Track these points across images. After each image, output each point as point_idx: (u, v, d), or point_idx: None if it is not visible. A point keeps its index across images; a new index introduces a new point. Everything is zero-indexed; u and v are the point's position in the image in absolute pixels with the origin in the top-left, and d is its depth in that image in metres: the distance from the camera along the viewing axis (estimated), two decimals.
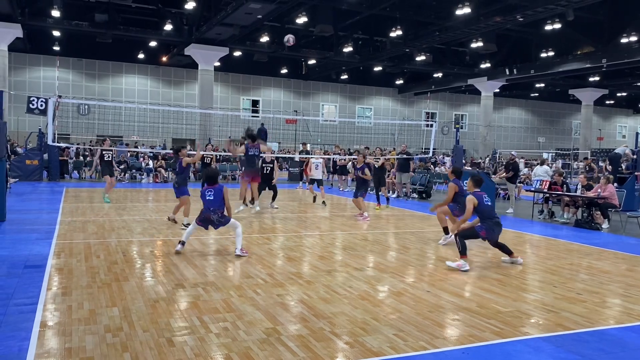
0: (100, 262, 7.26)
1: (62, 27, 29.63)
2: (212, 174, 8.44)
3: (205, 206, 8.03)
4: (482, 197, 7.79)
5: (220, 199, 8.02)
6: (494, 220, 7.80)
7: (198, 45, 31.19)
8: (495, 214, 7.93)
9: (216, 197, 8.01)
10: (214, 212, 7.99)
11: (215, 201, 8.00)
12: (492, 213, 7.89)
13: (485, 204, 7.78)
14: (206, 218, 8.04)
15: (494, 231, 7.77)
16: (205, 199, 8.04)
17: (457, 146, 15.95)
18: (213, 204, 7.98)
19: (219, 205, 8.03)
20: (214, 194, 8.04)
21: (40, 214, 11.82)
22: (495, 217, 7.86)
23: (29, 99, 13.33)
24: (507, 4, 24.53)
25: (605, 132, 54.68)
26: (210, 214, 7.99)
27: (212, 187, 8.12)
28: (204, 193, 8.10)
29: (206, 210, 8.02)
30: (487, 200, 7.84)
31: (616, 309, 5.90)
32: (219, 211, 8.03)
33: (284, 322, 5.02)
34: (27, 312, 5.05)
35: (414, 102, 50.27)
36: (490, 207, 7.91)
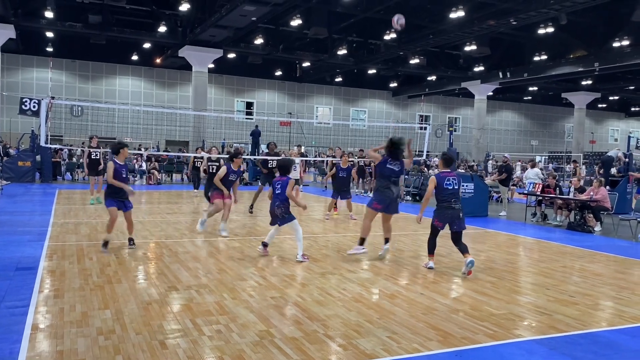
0: (93, 264, 7.22)
1: (56, 28, 29.52)
2: (285, 163, 8.00)
3: (273, 199, 7.71)
4: (444, 178, 7.29)
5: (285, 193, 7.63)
6: (446, 203, 7.24)
7: (192, 47, 31.15)
8: (452, 200, 7.24)
9: (283, 190, 7.64)
10: (278, 206, 7.66)
11: (282, 195, 7.64)
12: (448, 197, 7.24)
13: (445, 186, 7.24)
14: (271, 213, 7.77)
15: (444, 215, 7.25)
16: (275, 192, 7.70)
17: (450, 149, 16.00)
18: (280, 198, 7.63)
19: (285, 199, 7.65)
20: (282, 187, 7.65)
21: (32, 216, 11.75)
22: (449, 201, 7.22)
23: (21, 100, 13.28)
24: (501, 7, 24.66)
25: (597, 135, 55.04)
26: (274, 209, 7.68)
27: (281, 179, 7.75)
28: (274, 185, 7.77)
29: (272, 205, 7.72)
30: (450, 184, 7.25)
31: (608, 312, 5.93)
32: (283, 206, 7.66)
33: (278, 324, 5.01)
34: (18, 315, 5.02)
35: (408, 105, 50.40)
36: (450, 191, 7.25)
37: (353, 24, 30.87)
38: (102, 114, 31.86)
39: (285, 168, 7.90)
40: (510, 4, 23.84)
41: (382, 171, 8.08)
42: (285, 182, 7.71)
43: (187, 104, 38.96)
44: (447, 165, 7.59)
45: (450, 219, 7.30)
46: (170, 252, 8.24)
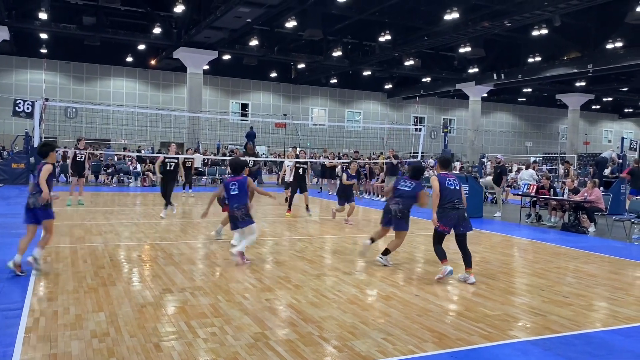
0: (87, 266, 7.19)
1: (50, 30, 29.39)
2: (238, 163, 7.81)
3: (230, 202, 7.49)
4: (445, 178, 7.14)
5: (245, 193, 7.46)
6: (450, 204, 6.99)
7: (187, 48, 31.09)
8: (455, 200, 7.03)
9: (241, 190, 7.46)
10: (238, 208, 7.44)
11: (240, 196, 7.45)
12: (451, 197, 7.03)
13: (447, 186, 7.04)
14: (231, 216, 7.55)
15: (449, 217, 6.98)
16: (229, 194, 7.47)
17: (445, 150, 16.05)
18: (238, 200, 7.45)
19: (245, 200, 7.45)
20: (239, 187, 7.46)
21: None
22: (452, 202, 7.01)
23: (15, 102, 13.22)
24: (495, 9, 24.74)
25: (591, 136, 55.28)
26: (234, 211, 7.46)
27: (236, 179, 7.57)
28: (228, 186, 7.52)
29: (231, 206, 7.49)
30: (451, 184, 7.09)
31: (603, 312, 5.95)
32: (243, 207, 7.44)
33: (273, 326, 5.00)
34: (12, 318, 4.99)
35: (403, 107, 50.48)
36: (453, 191, 7.06)
37: (348, 26, 30.89)
38: (97, 115, 31.75)
39: (238, 168, 7.73)
40: (505, 5, 23.92)
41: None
42: (242, 182, 7.53)
43: (182, 105, 38.87)
44: (445, 167, 7.51)
45: (456, 221, 7.03)
46: (165, 254, 8.22)
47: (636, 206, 12.81)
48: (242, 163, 7.99)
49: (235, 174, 7.69)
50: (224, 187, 7.65)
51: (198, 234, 10.40)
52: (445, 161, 7.64)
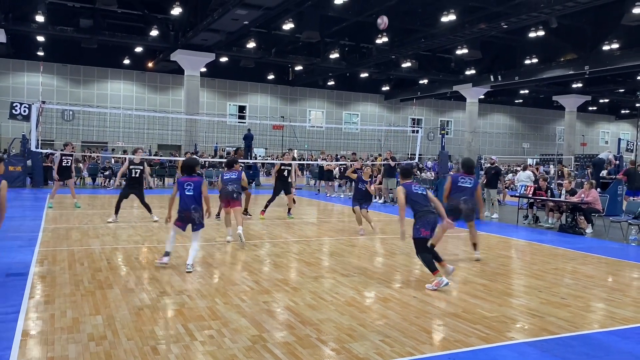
0: (84, 269, 7.17)
1: (47, 32, 29.34)
2: (190, 163, 7.57)
3: (185, 203, 7.22)
4: (411, 185, 7.11)
5: (199, 195, 7.24)
6: (424, 209, 6.94)
7: (184, 50, 31.07)
8: (427, 203, 7.04)
9: (196, 192, 7.24)
10: (195, 209, 7.20)
11: (195, 197, 7.22)
12: (424, 201, 7.01)
13: (415, 192, 7.04)
14: (186, 217, 7.26)
15: (428, 222, 6.89)
16: (184, 194, 7.21)
17: (442, 152, 16.06)
18: (194, 201, 7.21)
19: (200, 203, 7.24)
20: (194, 189, 7.25)
21: (23, 221, 11.66)
22: (427, 206, 6.99)
23: (12, 105, 13.20)
24: (492, 11, 24.81)
25: (588, 138, 55.42)
26: (191, 212, 7.21)
27: (191, 179, 7.33)
28: (183, 186, 7.26)
29: (186, 208, 7.21)
30: (417, 189, 7.12)
31: (600, 313, 5.96)
32: (200, 209, 7.26)
33: (270, 329, 5.00)
34: (9, 321, 4.97)
35: (400, 108, 50.54)
36: (422, 196, 7.07)
37: (345, 28, 30.92)
38: (94, 118, 31.72)
39: (190, 168, 7.51)
40: (501, 7, 23.98)
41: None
42: (197, 183, 7.31)
43: (180, 107, 38.85)
44: (406, 177, 7.37)
45: (433, 225, 6.97)
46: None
47: (633, 207, 12.83)
48: (194, 163, 7.76)
49: (188, 174, 7.44)
50: (178, 186, 7.38)
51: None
52: (406, 171, 7.48)
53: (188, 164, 7.62)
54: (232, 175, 9.85)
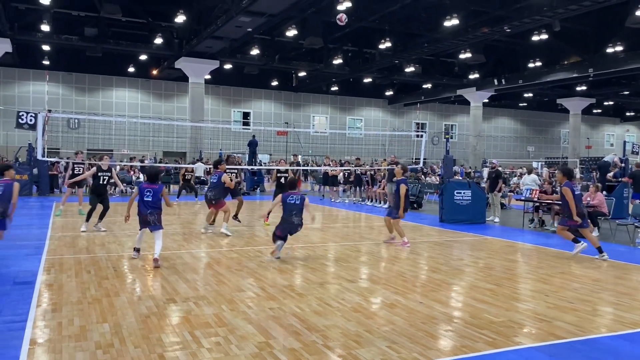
0: (91, 277, 7.20)
1: (52, 41, 29.58)
2: (154, 172, 8.46)
3: (144, 206, 8.02)
4: (287, 196, 8.72)
5: (159, 201, 8.07)
6: (288, 219, 8.65)
7: (188, 58, 31.24)
8: (292, 215, 8.63)
9: (154, 197, 8.05)
10: (151, 214, 8.00)
11: (153, 202, 8.04)
12: (289, 212, 8.64)
13: (288, 202, 8.66)
14: (144, 220, 8.06)
15: (284, 227, 8.71)
16: (143, 199, 8.03)
17: (447, 156, 16.03)
18: (152, 206, 8.02)
19: (158, 208, 8.09)
20: (153, 195, 8.05)
21: (29, 229, 11.72)
22: (290, 217, 8.62)
23: (18, 114, 13.28)
24: (494, 15, 24.82)
25: (593, 140, 55.23)
26: (147, 215, 7.99)
27: (152, 186, 8.13)
28: (143, 192, 8.07)
29: (144, 211, 8.01)
30: (292, 200, 8.69)
31: (608, 317, 5.93)
32: (156, 213, 8.05)
33: (277, 335, 5.00)
34: (16, 330, 4.99)
35: (404, 113, 50.56)
36: (291, 205, 8.65)
37: (348, 34, 31.01)
38: (99, 126, 31.87)
39: (154, 176, 8.32)
40: (504, 11, 23.99)
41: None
42: (157, 190, 8.09)
43: (184, 115, 39.00)
44: (291, 188, 9.08)
45: (288, 230, 8.75)
46: (168, 263, 8.22)
47: (639, 210, 12.77)
48: (158, 171, 8.70)
49: (151, 181, 8.27)
50: (138, 191, 8.19)
51: (201, 243, 10.40)
52: (292, 184, 9.24)
53: (151, 172, 8.55)
54: (213, 180, 11.24)
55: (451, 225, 13.72)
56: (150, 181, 8.30)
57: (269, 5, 22.08)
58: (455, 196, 14.41)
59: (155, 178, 8.33)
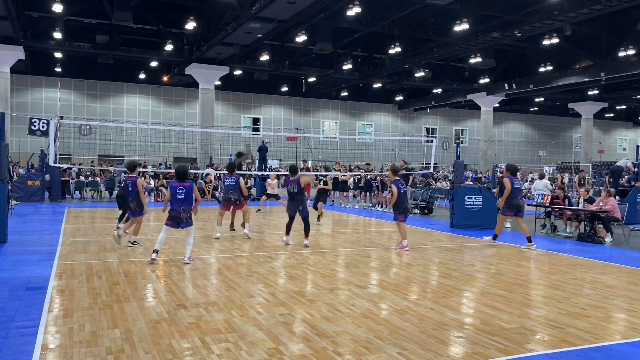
0: (102, 283, 7.23)
1: (64, 49, 29.93)
2: (183, 170, 8.68)
3: (177, 204, 8.37)
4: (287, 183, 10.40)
5: (191, 198, 8.36)
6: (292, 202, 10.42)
7: (199, 64, 31.43)
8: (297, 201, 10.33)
9: (187, 195, 8.38)
10: (184, 211, 8.37)
11: (186, 200, 8.36)
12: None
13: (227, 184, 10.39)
14: (176, 216, 8.37)
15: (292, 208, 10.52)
16: (176, 197, 8.38)
17: (458, 161, 15.95)
18: (184, 203, 8.36)
19: (190, 204, 8.38)
20: (185, 192, 8.34)
21: (41, 235, 11.81)
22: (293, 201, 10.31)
23: (30, 121, 13.43)
24: (505, 19, 24.75)
25: (605, 145, 54.76)
26: (180, 213, 8.37)
27: (183, 184, 8.41)
28: (175, 190, 8.37)
29: (177, 208, 8.35)
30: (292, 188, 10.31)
31: (621, 324, 5.85)
32: (189, 210, 8.43)
33: (287, 341, 4.98)
34: (28, 335, 5.03)
35: (414, 118, 50.46)
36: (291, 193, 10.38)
37: (358, 39, 31.08)
38: (110, 132, 32.09)
39: (185, 174, 8.67)
40: (514, 15, 23.92)
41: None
42: (189, 187, 8.50)
43: (195, 121, 39.23)
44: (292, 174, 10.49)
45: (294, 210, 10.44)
46: (179, 269, 8.24)
47: None
48: (187, 170, 8.90)
49: (181, 180, 8.59)
50: (170, 190, 8.55)
51: (211, 248, 10.42)
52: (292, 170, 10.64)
53: (181, 170, 8.78)
54: (231, 182, 11.51)
55: (462, 231, 13.65)
56: (180, 179, 8.59)
57: (279, 12, 22.18)
58: (466, 201, 14.34)
59: (184, 176, 8.63)
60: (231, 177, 11.57)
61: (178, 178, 8.68)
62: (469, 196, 14.38)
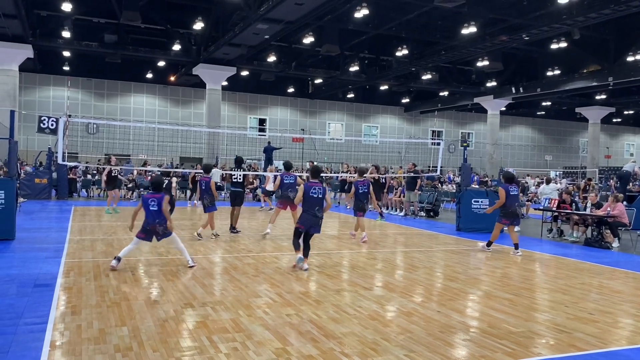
0: (110, 280, 7.26)
1: (72, 48, 30.06)
2: (158, 181, 8.33)
3: (151, 217, 7.94)
4: (310, 187, 8.36)
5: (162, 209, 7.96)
6: (310, 212, 8.28)
7: (206, 65, 31.50)
8: (315, 209, 8.29)
9: (159, 207, 7.94)
10: (159, 223, 7.95)
11: (159, 212, 7.94)
12: (312, 205, 8.29)
13: (311, 195, 8.28)
14: (152, 230, 7.99)
15: (308, 221, 8.32)
16: (148, 209, 7.92)
17: (464, 165, 15.93)
18: (159, 216, 7.94)
19: (163, 216, 7.98)
20: (157, 204, 7.93)
21: (49, 233, 11.86)
22: (313, 210, 8.27)
23: (39, 119, 13.48)
24: (513, 23, 24.68)
25: (612, 150, 54.47)
26: (156, 225, 7.95)
27: (155, 196, 7.99)
28: (147, 202, 7.94)
29: (151, 221, 7.94)
30: (314, 192, 8.32)
31: (629, 329, 5.83)
32: (164, 222, 7.98)
33: (294, 342, 4.99)
34: (37, 332, 5.05)
35: (421, 121, 50.38)
36: (314, 199, 8.31)
37: (364, 41, 31.06)
38: (117, 131, 32.22)
39: (159, 185, 8.20)
40: (523, 19, 23.85)
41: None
42: (160, 199, 7.97)
43: (201, 121, 39.30)
44: (315, 176, 8.61)
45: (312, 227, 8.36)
46: (186, 268, 8.27)
47: None
48: (161, 181, 8.49)
49: (155, 191, 8.11)
50: (142, 203, 8.04)
51: (217, 248, 10.45)
52: (315, 171, 8.75)
53: (156, 181, 8.37)
54: (291, 180, 11.84)
55: (468, 234, 13.62)
56: (154, 191, 8.15)
57: (287, 13, 22.21)
58: (473, 205, 14.31)
59: (160, 187, 8.21)
60: (290, 176, 11.97)
61: (153, 189, 8.20)
62: (476, 199, 14.35)
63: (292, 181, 11.83)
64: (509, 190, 10.60)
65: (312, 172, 8.71)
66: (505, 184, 10.76)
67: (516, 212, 10.84)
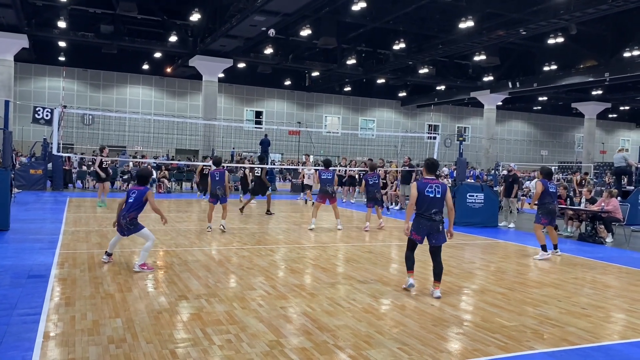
0: (104, 272, 7.26)
1: (68, 38, 29.90)
2: (145, 174, 7.95)
3: (125, 209, 7.51)
4: (425, 185, 6.59)
5: (139, 202, 7.46)
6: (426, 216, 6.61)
7: (202, 56, 31.39)
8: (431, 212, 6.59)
9: (136, 199, 7.46)
10: (124, 217, 7.44)
11: (132, 204, 7.44)
12: (428, 207, 6.57)
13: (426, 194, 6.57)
14: (118, 224, 7.59)
15: (424, 228, 6.68)
16: (128, 201, 7.53)
17: (460, 159, 15.95)
18: (128, 209, 7.45)
19: (135, 209, 7.45)
20: (136, 197, 7.48)
21: (43, 224, 11.83)
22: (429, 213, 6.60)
23: (34, 109, 13.43)
24: (510, 17, 24.67)
25: (608, 145, 54.68)
26: (119, 219, 7.52)
27: (138, 188, 7.61)
28: (129, 194, 7.59)
29: (121, 213, 7.53)
30: (430, 191, 6.60)
31: (621, 324, 5.87)
32: (128, 216, 7.42)
33: (287, 334, 5.01)
34: (30, 323, 5.05)
35: (417, 115, 50.40)
36: (430, 199, 6.56)
37: (362, 34, 31.00)
38: (113, 122, 32.13)
39: (144, 178, 7.83)
40: (520, 14, 23.84)
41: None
42: (141, 192, 7.53)
43: (197, 113, 39.21)
44: (431, 172, 6.86)
45: (429, 231, 6.68)
46: (180, 260, 8.27)
47: None
48: (146, 173, 8.08)
49: (139, 183, 7.77)
50: (126, 194, 7.69)
51: (212, 240, 10.45)
52: (431, 165, 6.88)
53: (141, 174, 7.99)
54: (328, 176, 12.56)
55: (463, 228, 13.65)
56: (138, 183, 7.78)
57: (284, 5, 22.12)
58: (468, 199, 14.34)
59: (145, 180, 7.81)
60: (328, 172, 12.68)
61: (138, 182, 7.81)
62: (471, 194, 14.39)
63: (329, 177, 12.61)
64: (548, 186, 9.81)
65: (428, 167, 6.83)
66: (544, 179, 9.99)
67: (555, 210, 10.05)
